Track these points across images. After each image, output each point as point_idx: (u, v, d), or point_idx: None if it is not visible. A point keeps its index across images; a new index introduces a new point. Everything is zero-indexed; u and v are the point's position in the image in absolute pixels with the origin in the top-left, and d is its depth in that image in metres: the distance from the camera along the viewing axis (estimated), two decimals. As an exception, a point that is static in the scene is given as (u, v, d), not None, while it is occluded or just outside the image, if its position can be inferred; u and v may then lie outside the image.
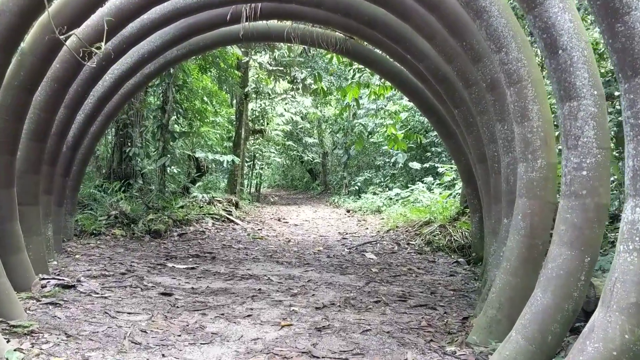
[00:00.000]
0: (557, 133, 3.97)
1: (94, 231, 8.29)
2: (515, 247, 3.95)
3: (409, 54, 6.30)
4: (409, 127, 14.61)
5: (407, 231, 9.50)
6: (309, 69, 16.22)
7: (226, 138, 17.29)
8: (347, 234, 10.50)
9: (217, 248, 8.14)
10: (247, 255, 7.65)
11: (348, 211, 15.93)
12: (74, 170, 7.58)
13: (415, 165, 15.36)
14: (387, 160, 17.90)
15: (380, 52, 8.11)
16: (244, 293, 5.32)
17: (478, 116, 5.49)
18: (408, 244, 8.78)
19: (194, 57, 11.07)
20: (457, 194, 10.81)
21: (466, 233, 8.30)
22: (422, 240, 8.67)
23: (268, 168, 28.39)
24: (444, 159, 15.28)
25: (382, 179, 17.97)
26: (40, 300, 4.52)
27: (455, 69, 5.51)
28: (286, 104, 18.78)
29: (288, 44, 12.23)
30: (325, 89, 10.89)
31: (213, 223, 10.24)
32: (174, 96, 10.19)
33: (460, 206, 9.14)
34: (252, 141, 18.50)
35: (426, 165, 15.39)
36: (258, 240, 9.26)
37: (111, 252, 7.23)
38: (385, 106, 15.84)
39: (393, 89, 9.65)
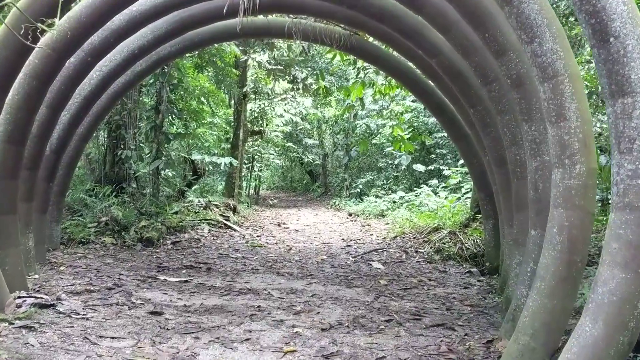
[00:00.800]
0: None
1: (82, 239, 7.79)
2: (550, 265, 3.46)
3: (421, 49, 5.82)
4: (412, 128, 14.16)
5: (414, 238, 9.01)
6: (309, 69, 15.74)
7: (224, 140, 16.78)
8: (351, 240, 10.00)
9: (213, 258, 7.63)
10: (245, 265, 7.16)
11: (350, 214, 15.45)
12: (59, 175, 7.09)
13: (420, 167, 14.87)
14: (389, 162, 17.41)
15: (386, 47, 7.65)
16: (242, 311, 4.83)
17: (498, 116, 5.02)
18: (416, 252, 8.29)
19: (190, 54, 10.59)
20: (466, 198, 10.33)
21: (478, 240, 7.81)
22: (431, 248, 8.18)
23: (267, 170, 27.92)
24: (449, 161, 14.82)
25: (385, 182, 17.49)
26: (14, 323, 4.02)
27: (473, 64, 5.04)
28: (286, 104, 18.29)
29: (288, 41, 11.78)
30: (327, 88, 10.40)
31: (209, 229, 9.73)
32: (169, 96, 9.67)
33: (470, 211, 8.65)
34: (251, 143, 17.99)
35: (431, 167, 14.91)
36: (257, 248, 8.75)
37: (99, 263, 6.72)
38: (388, 107, 15.35)
39: (399, 88, 9.18)
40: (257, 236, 10.19)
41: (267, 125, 17.65)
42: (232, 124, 15.85)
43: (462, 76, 5.70)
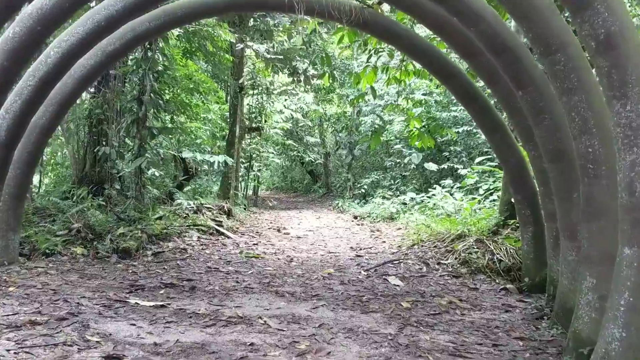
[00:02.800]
0: None
1: (48, 250, 6.63)
2: (684, 307, 2.31)
3: (457, 15, 4.65)
4: (433, 118, 13.03)
5: (435, 246, 7.84)
6: (310, 59, 14.58)
7: (220, 137, 15.60)
8: (360, 249, 8.82)
9: (200, 272, 6.45)
10: (237, 282, 5.99)
11: (355, 217, 14.31)
12: (16, 174, 5.96)
13: (432, 166, 13.69)
14: (397, 160, 16.24)
15: (403, 21, 6.49)
16: (229, 352, 3.67)
17: (563, 96, 3.85)
18: (439, 263, 7.12)
19: (177, 38, 9.43)
20: (492, 200, 9.17)
21: (512, 251, 6.66)
22: (456, 259, 7.02)
23: (266, 169, 26.81)
24: (464, 159, 13.65)
25: (392, 182, 16.32)
26: None
27: (532, 29, 3.87)
28: (286, 99, 17.12)
29: (289, 16, 10.64)
30: (334, 77, 9.27)
31: (198, 237, 8.54)
32: (152, 85, 8.50)
33: (500, 216, 7.48)
34: (249, 140, 16.81)
35: (443, 166, 13.74)
36: (253, 259, 7.58)
37: (60, 281, 5.56)
38: (396, 100, 14.20)
39: (416, 75, 8.01)
40: (254, 244, 9.01)
41: (265, 121, 16.47)
42: (228, 119, 14.68)
43: (507, 49, 4.54)
